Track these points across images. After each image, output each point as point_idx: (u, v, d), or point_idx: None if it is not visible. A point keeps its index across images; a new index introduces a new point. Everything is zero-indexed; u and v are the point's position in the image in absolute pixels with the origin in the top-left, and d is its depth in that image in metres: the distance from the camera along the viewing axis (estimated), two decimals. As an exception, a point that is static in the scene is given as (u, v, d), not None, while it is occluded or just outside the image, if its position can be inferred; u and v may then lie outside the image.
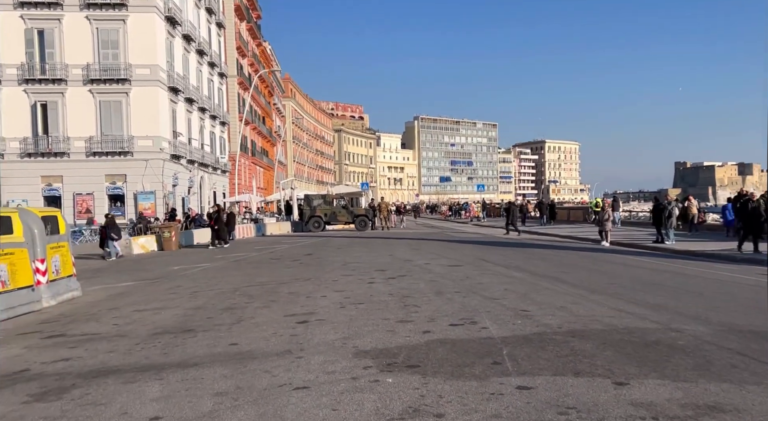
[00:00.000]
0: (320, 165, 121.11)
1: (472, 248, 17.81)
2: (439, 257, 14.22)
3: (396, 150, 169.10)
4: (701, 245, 17.75)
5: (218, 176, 48.87)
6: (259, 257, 16.55)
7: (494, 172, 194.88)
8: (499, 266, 12.02)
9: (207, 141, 45.71)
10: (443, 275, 10.42)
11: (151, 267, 15.60)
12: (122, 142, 34.81)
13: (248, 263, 15.00)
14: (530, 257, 14.51)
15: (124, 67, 34.68)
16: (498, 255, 14.96)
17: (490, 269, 11.43)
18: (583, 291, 8.43)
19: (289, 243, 22.66)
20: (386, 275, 10.75)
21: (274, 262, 14.84)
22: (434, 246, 18.70)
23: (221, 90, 51.71)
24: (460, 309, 7.10)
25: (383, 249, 17.43)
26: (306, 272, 11.76)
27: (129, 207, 35.36)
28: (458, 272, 10.97)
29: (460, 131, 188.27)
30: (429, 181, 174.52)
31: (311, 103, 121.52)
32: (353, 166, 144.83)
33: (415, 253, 15.71)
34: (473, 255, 14.97)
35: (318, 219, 31.39)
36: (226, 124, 52.18)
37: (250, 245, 23.44)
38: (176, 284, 11.19)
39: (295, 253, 17.52)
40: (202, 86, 44.83)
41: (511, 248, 18.13)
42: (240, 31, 60.68)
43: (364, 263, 13.15)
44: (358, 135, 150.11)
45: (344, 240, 23.12)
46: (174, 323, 6.99)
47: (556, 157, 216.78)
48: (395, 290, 8.82)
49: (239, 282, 10.76)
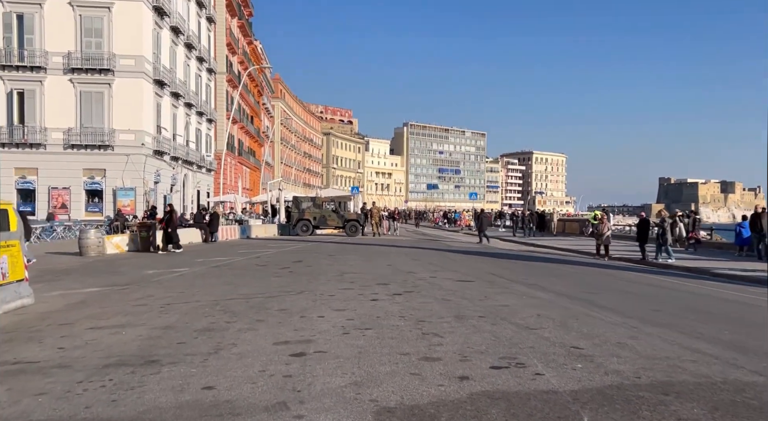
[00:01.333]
0: (308, 168, 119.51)
1: (476, 260, 16.48)
2: (444, 270, 12.86)
3: (384, 156, 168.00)
4: (715, 263, 16.59)
5: (203, 175, 47.14)
6: (244, 263, 15.06)
7: (481, 181, 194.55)
8: (515, 282, 10.69)
9: (192, 138, 44.02)
10: (456, 293, 9.05)
11: (124, 270, 14.04)
12: (103, 136, 33.09)
13: (231, 269, 13.51)
14: (543, 273, 13.21)
15: (107, 56, 33.00)
16: (506, 269, 13.64)
17: (505, 286, 10.09)
18: (630, 320, 7.13)
19: (275, 247, 21.16)
20: (390, 289, 9.36)
21: (260, 269, 13.37)
22: (434, 257, 17.34)
23: (209, 86, 50.05)
24: (494, 342, 5.73)
25: (380, 258, 16.03)
26: (297, 283, 10.32)
27: (107, 204, 33.59)
28: (471, 289, 9.61)
29: (449, 139, 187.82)
30: (416, 188, 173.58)
31: (300, 105, 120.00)
32: (341, 171, 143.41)
33: (416, 264, 14.33)
34: (480, 268, 13.64)
35: (306, 222, 29.89)
36: (213, 121, 50.51)
37: (233, 248, 21.90)
38: (147, 292, 9.70)
39: (284, 259, 16.05)
40: (189, 81, 43.18)
41: (515, 260, 16.85)
42: (231, 28, 59.09)
43: (363, 274, 11.74)
44: (346, 139, 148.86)
45: (336, 246, 21.67)
46: (135, 350, 5.54)
47: (543, 169, 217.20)
48: (406, 311, 7.43)
49: (220, 293, 9.30)
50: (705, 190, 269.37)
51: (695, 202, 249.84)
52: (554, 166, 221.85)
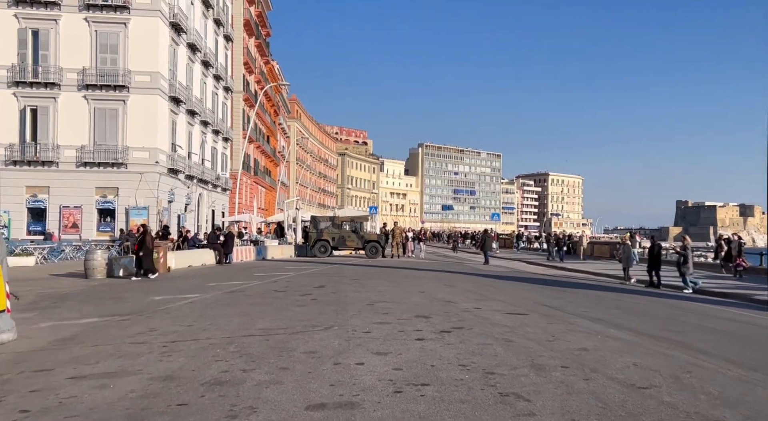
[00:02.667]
0: (323, 188, 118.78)
1: (516, 287, 14.95)
2: (486, 299, 11.36)
3: (399, 176, 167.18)
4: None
5: (218, 194, 46.14)
6: (261, 288, 13.67)
7: (497, 202, 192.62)
8: (575, 316, 9.16)
9: (208, 156, 43.11)
10: (515, 331, 7.56)
11: (129, 296, 12.72)
12: (116, 153, 32.16)
13: (247, 296, 12.12)
14: (599, 303, 11.66)
15: (122, 73, 32.22)
16: (554, 298, 12.08)
17: (567, 321, 8.57)
18: (754, 373, 5.61)
19: (293, 270, 19.77)
20: (434, 325, 7.89)
21: (279, 296, 11.96)
22: (469, 282, 15.82)
23: (226, 105, 49.34)
24: (602, 410, 4.24)
25: (410, 284, 14.55)
26: (324, 315, 8.89)
27: (119, 223, 32.50)
28: (530, 324, 8.10)
29: (464, 160, 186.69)
30: (431, 209, 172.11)
31: (316, 126, 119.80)
32: (356, 191, 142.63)
33: (451, 291, 12.84)
34: (525, 297, 12.11)
35: (325, 243, 28.48)
36: (229, 140, 49.69)
37: (249, 270, 20.55)
38: (150, 325, 8.32)
39: (304, 283, 14.64)
40: (205, 99, 42.43)
41: (558, 288, 15.29)
42: (248, 47, 58.74)
43: (396, 304, 10.28)
44: (361, 160, 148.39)
45: (358, 269, 20.22)
46: (121, 416, 4.14)
47: (559, 190, 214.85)
48: (465, 357, 5.96)
49: (235, 327, 7.89)
50: (723, 214, 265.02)
51: (713, 226, 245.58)
52: (570, 187, 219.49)
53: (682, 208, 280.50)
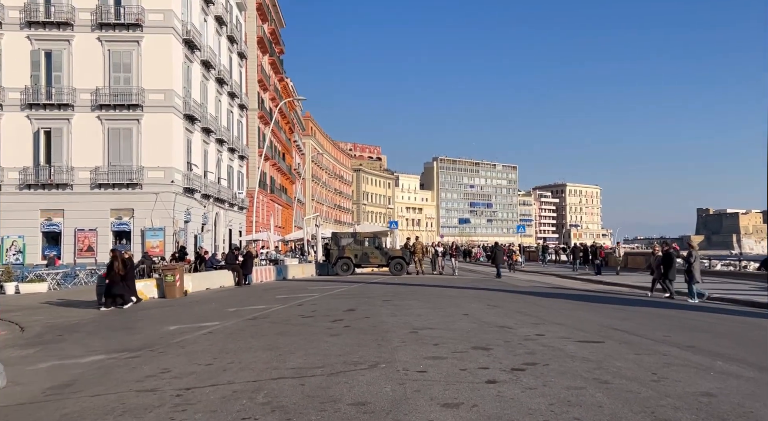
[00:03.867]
0: (338, 204, 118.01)
1: (567, 306, 13.55)
2: (543, 322, 9.98)
3: (414, 191, 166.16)
4: None
5: (235, 213, 45.25)
6: (286, 313, 12.44)
7: (514, 214, 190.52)
8: (660, 343, 7.70)
9: (224, 175, 42.31)
10: (603, 366, 6.14)
11: (142, 325, 11.57)
12: (131, 174, 31.40)
13: (272, 323, 10.89)
14: (672, 325, 10.22)
15: (136, 91, 31.58)
16: (618, 319, 10.62)
17: (655, 350, 7.13)
18: None
19: (317, 290, 18.54)
20: (499, 359, 6.54)
21: (307, 322, 10.72)
22: (513, 301, 14.43)
23: (241, 123, 48.69)
24: None
25: (448, 305, 13.21)
26: (363, 347, 7.61)
27: (135, 245, 31.60)
28: (615, 356, 6.64)
29: (480, 173, 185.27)
30: (448, 223, 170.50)
31: (330, 142, 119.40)
32: (371, 207, 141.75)
33: (498, 313, 11.48)
34: (585, 319, 10.71)
35: (347, 261, 27.25)
36: (245, 158, 48.95)
37: (270, 291, 19.37)
38: (162, 364, 7.12)
39: (332, 306, 13.39)
40: (220, 117, 41.74)
41: (609, 305, 13.86)
42: (262, 64, 58.34)
43: (442, 331, 8.97)
44: (376, 175, 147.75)
45: (386, 288, 18.92)
46: None
47: (577, 201, 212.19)
48: (562, 410, 4.62)
49: (262, 366, 6.65)
50: (747, 221, 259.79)
51: (736, 233, 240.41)
52: (589, 198, 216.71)
53: (703, 216, 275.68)
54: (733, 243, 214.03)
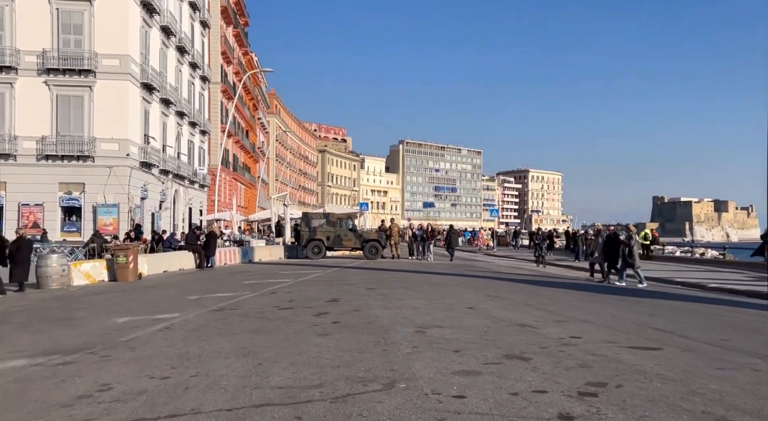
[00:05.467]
0: (303, 186, 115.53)
1: (574, 297, 12.34)
2: (567, 320, 8.52)
3: (380, 173, 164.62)
4: None
5: (195, 191, 42.86)
6: (259, 303, 10.84)
7: (478, 199, 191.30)
8: (729, 350, 6.31)
9: (184, 150, 39.86)
10: (691, 388, 4.63)
11: (84, 315, 9.81)
12: (82, 145, 28.89)
13: (243, 316, 9.28)
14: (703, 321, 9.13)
15: (88, 56, 28.94)
16: (646, 315, 9.33)
17: (731, 359, 5.70)
18: None
19: (290, 276, 16.93)
20: (551, 377, 5.01)
21: (286, 316, 9.16)
22: (510, 291, 13.13)
23: (203, 96, 46.02)
24: None
25: (443, 294, 11.79)
26: (366, 354, 6.09)
27: (87, 222, 29.25)
28: (697, 372, 5.10)
29: (445, 157, 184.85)
30: (412, 206, 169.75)
31: (296, 122, 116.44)
32: (336, 189, 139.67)
33: (505, 305, 10.08)
34: (610, 314, 9.38)
35: (319, 243, 25.62)
36: (207, 133, 46.36)
37: (236, 276, 17.66)
38: (102, 378, 5.46)
39: (310, 295, 11.85)
40: (181, 88, 39.15)
41: (617, 296, 12.77)
42: (226, 36, 55.43)
43: (453, 330, 7.53)
44: (342, 157, 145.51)
45: (365, 274, 17.44)
46: None
47: (539, 187, 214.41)
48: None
49: (237, 385, 5.05)
50: (699, 209, 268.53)
51: (689, 221, 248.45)
52: (550, 184, 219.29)
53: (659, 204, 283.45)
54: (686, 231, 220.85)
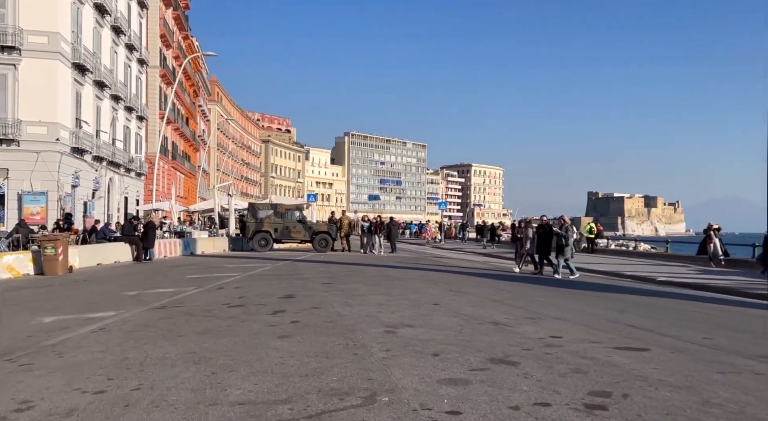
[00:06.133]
0: (245, 176, 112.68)
1: (533, 290, 12.08)
2: (538, 316, 8.04)
3: (325, 165, 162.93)
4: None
5: (132, 179, 40.68)
6: (205, 300, 9.94)
7: (422, 192, 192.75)
8: (718, 350, 5.87)
9: (120, 136, 37.68)
10: (707, 397, 3.90)
11: (3, 315, 8.65)
12: (5, 128, 26.71)
13: (189, 314, 8.39)
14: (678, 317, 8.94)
15: (12, 31, 26.69)
16: (615, 311, 9.08)
17: (734, 364, 5.28)
18: None
19: (237, 269, 15.96)
20: (548, 385, 4.45)
21: (238, 314, 8.34)
22: (471, 285, 12.72)
23: (140, 79, 43.68)
24: None
25: (403, 290, 11.19)
26: (335, 360, 5.38)
27: (11, 211, 27.10)
28: (699, 377, 4.57)
29: (390, 150, 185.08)
30: (358, 199, 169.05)
31: (238, 110, 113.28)
32: (280, 180, 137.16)
33: (471, 301, 9.56)
34: (575, 309, 9.02)
35: (266, 235, 24.58)
36: (145, 119, 44.08)
37: (178, 269, 16.53)
38: (22, 392, 4.57)
39: (263, 291, 11.02)
40: (117, 70, 36.95)
41: (577, 291, 12.59)
42: (165, 18, 52.86)
43: (425, 329, 6.93)
44: (286, 147, 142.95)
45: (318, 268, 16.68)
46: None
47: (481, 181, 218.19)
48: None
49: (189, 401, 4.15)
50: (630, 205, 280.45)
51: (621, 216, 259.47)
52: (492, 178, 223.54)
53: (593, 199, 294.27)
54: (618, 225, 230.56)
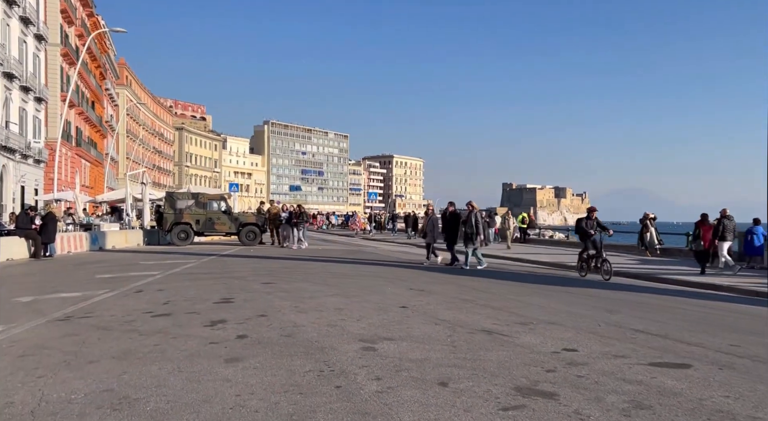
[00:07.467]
0: (158, 165, 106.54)
1: (502, 287, 11.15)
2: (529, 321, 6.81)
3: (244, 155, 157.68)
4: None
5: (29, 167, 36.63)
6: (121, 307, 8.19)
7: (344, 183, 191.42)
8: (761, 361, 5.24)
9: (14, 119, 33.73)
10: None
11: None
12: None
13: (102, 329, 6.68)
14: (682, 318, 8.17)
15: None
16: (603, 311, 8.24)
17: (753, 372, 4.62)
18: None
19: (156, 267, 14.02)
20: None
21: (165, 327, 6.73)
22: (432, 282, 11.56)
23: (38, 57, 39.41)
24: None
25: (360, 290, 9.83)
26: (311, 398, 3.97)
27: None
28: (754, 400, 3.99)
29: (312, 140, 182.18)
30: (279, 190, 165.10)
31: (150, 96, 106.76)
32: (195, 169, 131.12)
33: (446, 304, 8.17)
34: (567, 312, 7.94)
35: (186, 227, 22.41)
36: (44, 101, 39.87)
37: (85, 267, 14.35)
38: None
39: (192, 294, 9.36)
40: (9, 46, 32.97)
41: (556, 287, 11.81)
42: (67, -9, 48.09)
43: (410, 343, 5.59)
44: (202, 136, 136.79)
45: (250, 264, 15.01)
46: None
47: (402, 172, 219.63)
48: None
49: None
50: (542, 196, 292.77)
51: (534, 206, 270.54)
52: (413, 170, 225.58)
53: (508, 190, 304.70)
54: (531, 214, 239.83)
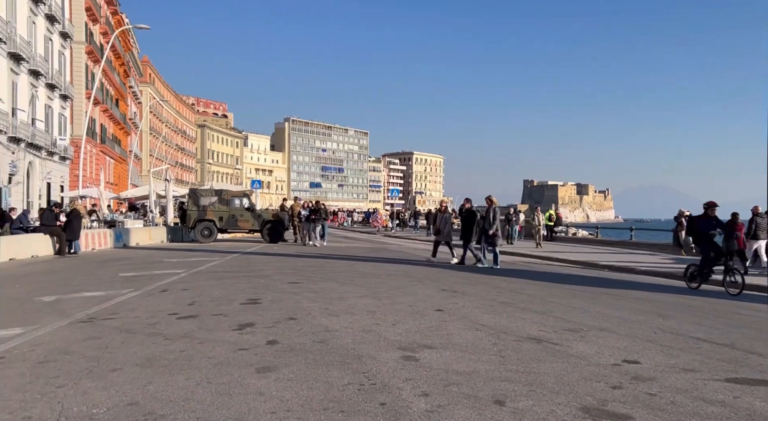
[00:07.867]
0: (180, 162, 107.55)
1: (542, 289, 10.71)
2: (577, 327, 6.28)
3: (264, 152, 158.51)
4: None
5: (55, 163, 37.02)
6: (146, 308, 7.96)
7: (364, 180, 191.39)
8: None
9: (41, 116, 34.07)
10: None
11: None
12: None
13: (125, 332, 6.42)
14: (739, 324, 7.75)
15: None
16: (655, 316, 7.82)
17: None
18: None
19: (180, 265, 13.86)
20: None
21: (191, 331, 6.47)
22: (464, 283, 11.20)
23: (63, 55, 39.78)
24: None
25: (389, 290, 9.47)
26: (353, 417, 3.66)
27: None
28: None
29: (332, 137, 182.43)
30: (299, 187, 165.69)
31: (172, 93, 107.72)
32: (217, 166, 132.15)
33: (482, 306, 7.70)
34: (617, 317, 7.56)
35: (209, 224, 22.31)
36: (69, 99, 40.26)
37: (109, 265, 14.25)
38: None
39: (217, 294, 9.11)
40: (35, 43, 33.25)
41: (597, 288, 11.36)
42: (92, -11, 48.52)
43: (452, 352, 5.14)
44: (223, 133, 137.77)
45: (275, 262, 14.77)
46: None
47: (422, 169, 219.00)
48: None
49: None
50: (564, 192, 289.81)
51: (555, 203, 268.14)
52: (433, 166, 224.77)
53: (529, 187, 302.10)
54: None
